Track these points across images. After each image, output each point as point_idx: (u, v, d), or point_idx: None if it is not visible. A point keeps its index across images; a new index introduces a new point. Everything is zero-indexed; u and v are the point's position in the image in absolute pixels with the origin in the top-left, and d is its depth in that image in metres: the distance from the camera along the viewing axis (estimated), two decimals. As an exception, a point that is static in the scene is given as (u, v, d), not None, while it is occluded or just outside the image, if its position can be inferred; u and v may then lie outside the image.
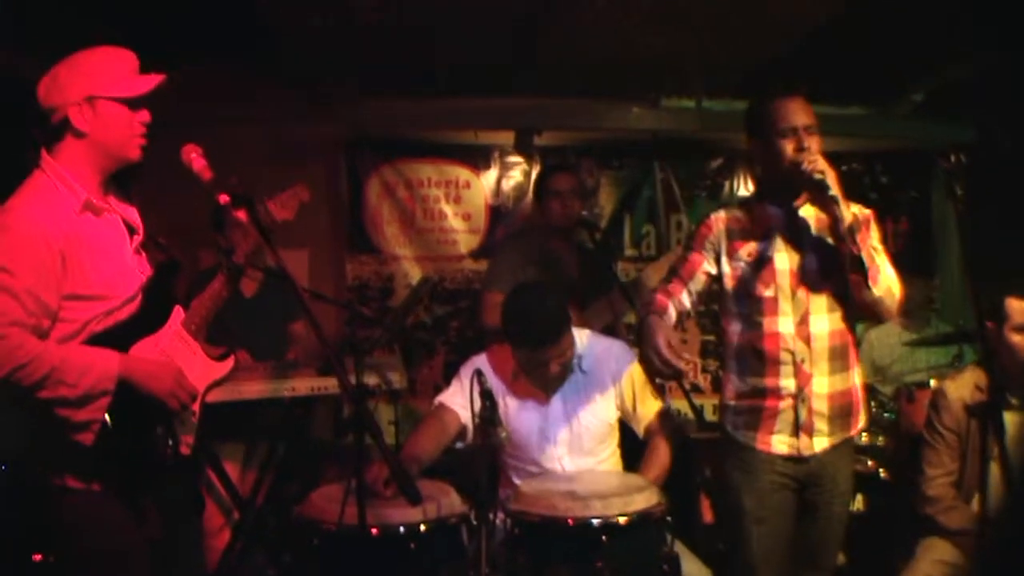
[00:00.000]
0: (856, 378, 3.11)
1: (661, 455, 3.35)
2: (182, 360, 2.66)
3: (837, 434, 3.06)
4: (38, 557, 3.28)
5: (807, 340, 3.01)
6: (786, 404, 3.02)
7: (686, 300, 3.13)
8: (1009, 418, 3.36)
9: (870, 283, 2.89)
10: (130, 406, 2.47)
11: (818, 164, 2.85)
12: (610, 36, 4.60)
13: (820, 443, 3.04)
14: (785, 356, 3.01)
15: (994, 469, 3.34)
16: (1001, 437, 3.14)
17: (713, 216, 3.17)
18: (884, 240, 3.11)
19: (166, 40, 3.30)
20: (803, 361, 3.00)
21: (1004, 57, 4.66)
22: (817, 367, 3.01)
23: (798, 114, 2.95)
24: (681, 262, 3.17)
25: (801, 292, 3.02)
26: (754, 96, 3.12)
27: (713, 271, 3.13)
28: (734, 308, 3.12)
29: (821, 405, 3.02)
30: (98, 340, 2.48)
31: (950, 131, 5.91)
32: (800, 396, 3.01)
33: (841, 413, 3.05)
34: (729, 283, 3.12)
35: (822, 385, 3.02)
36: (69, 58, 2.51)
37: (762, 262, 3.04)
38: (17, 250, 2.35)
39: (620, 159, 6.20)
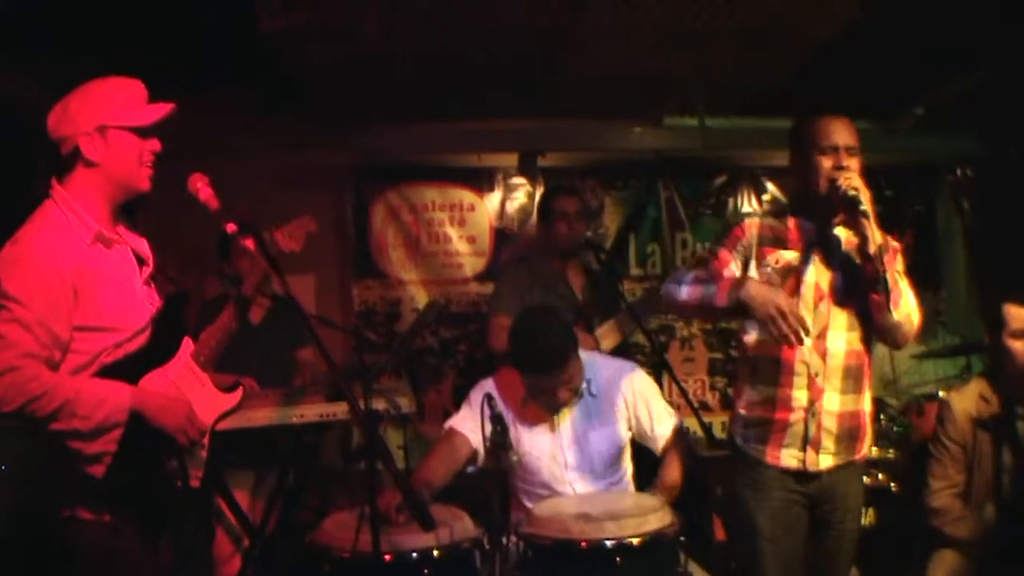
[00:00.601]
0: (866, 404, 3.11)
1: (673, 472, 3.35)
2: (191, 392, 2.66)
3: (842, 455, 3.05)
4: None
5: (823, 355, 3.00)
6: (797, 417, 3.02)
7: None
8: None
9: (891, 306, 2.90)
10: (141, 438, 2.46)
11: (853, 181, 2.88)
12: (612, 56, 4.61)
13: (825, 461, 3.03)
14: (800, 367, 3.01)
15: (1004, 480, 3.34)
16: (1017, 448, 3.14)
17: (748, 220, 3.14)
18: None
19: (173, 70, 3.31)
20: (817, 375, 3.00)
21: (1007, 68, 4.67)
22: (830, 383, 3.01)
23: (841, 133, 2.98)
24: (710, 257, 3.13)
25: (823, 306, 3.02)
26: (799, 114, 3.14)
27: (738, 274, 3.09)
28: None
29: (830, 423, 3.01)
30: (108, 372, 2.47)
31: (953, 144, 5.93)
32: (811, 410, 3.00)
33: (848, 435, 3.05)
34: None
35: (833, 402, 3.01)
36: (79, 89, 2.53)
37: (788, 271, 3.04)
38: (29, 281, 2.35)
39: (624, 179, 6.19)
